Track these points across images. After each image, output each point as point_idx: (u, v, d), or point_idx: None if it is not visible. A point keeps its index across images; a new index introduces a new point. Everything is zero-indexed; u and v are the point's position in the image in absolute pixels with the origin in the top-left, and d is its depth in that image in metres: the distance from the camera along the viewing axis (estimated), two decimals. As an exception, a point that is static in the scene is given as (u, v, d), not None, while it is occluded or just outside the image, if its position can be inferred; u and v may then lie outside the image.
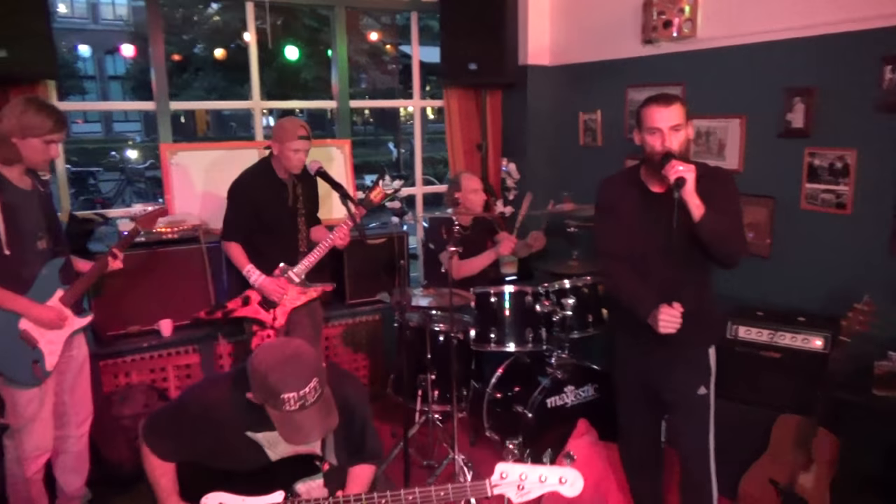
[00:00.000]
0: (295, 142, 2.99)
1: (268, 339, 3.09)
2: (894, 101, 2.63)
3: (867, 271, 2.79)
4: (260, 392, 1.70)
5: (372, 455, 2.06)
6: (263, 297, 3.09)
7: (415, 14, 4.48)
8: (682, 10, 3.33)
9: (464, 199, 3.65)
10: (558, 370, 3.17)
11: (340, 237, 3.05)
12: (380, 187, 3.04)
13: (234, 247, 3.08)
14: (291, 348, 1.73)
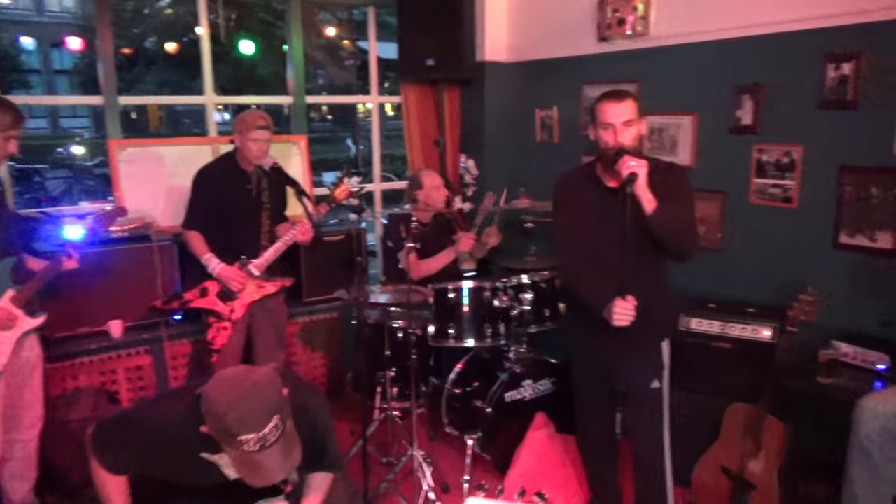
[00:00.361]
0: (254, 132, 2.97)
1: (224, 332, 3.05)
2: (836, 99, 2.72)
3: (812, 263, 2.88)
4: (216, 430, 1.60)
5: (332, 465, 2.02)
6: (221, 289, 3.05)
7: (372, 9, 4.45)
8: (635, 8, 3.38)
9: (425, 197, 3.64)
10: (516, 364, 3.20)
11: (303, 232, 3.03)
12: (345, 184, 3.03)
13: (194, 235, 3.06)
14: (249, 384, 1.61)
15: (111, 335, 3.35)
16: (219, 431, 1.59)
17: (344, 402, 3.76)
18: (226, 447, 1.61)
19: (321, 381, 4.05)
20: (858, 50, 2.63)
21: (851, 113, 2.70)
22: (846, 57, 2.67)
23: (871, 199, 2.67)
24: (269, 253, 3.07)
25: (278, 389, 1.66)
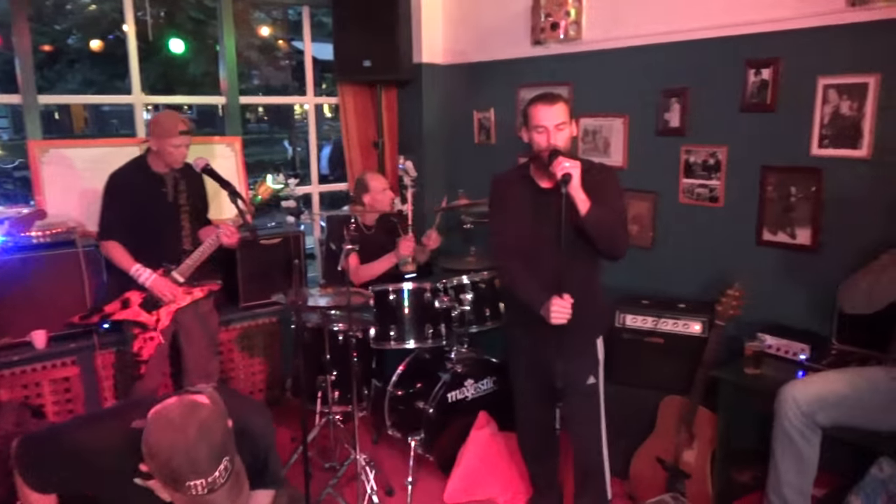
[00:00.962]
0: (176, 138, 2.89)
1: (150, 343, 2.95)
2: (757, 102, 2.85)
3: (738, 259, 3.01)
4: (159, 473, 1.50)
5: (273, 482, 1.97)
6: (145, 299, 2.95)
7: (306, 9, 4.39)
8: (567, 12, 3.46)
9: (373, 201, 3.61)
10: (458, 365, 3.21)
11: (227, 234, 2.95)
12: (266, 184, 2.97)
13: (115, 246, 2.93)
14: (195, 426, 1.50)
15: (34, 346, 3.19)
16: (163, 475, 1.49)
17: (284, 408, 3.70)
18: (169, 490, 1.51)
19: (260, 387, 3.97)
20: (776, 56, 2.77)
21: (771, 116, 2.83)
22: (765, 63, 2.80)
23: (791, 198, 2.80)
24: (192, 258, 2.99)
25: (224, 425, 1.57)
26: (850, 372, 2.32)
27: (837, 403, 2.18)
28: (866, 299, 2.21)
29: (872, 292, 2.17)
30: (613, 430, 2.67)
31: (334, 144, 10.94)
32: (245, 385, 3.90)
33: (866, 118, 2.54)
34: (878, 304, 2.19)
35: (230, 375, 3.84)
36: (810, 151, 2.72)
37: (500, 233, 2.50)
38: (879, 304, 2.19)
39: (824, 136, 2.67)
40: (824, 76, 2.63)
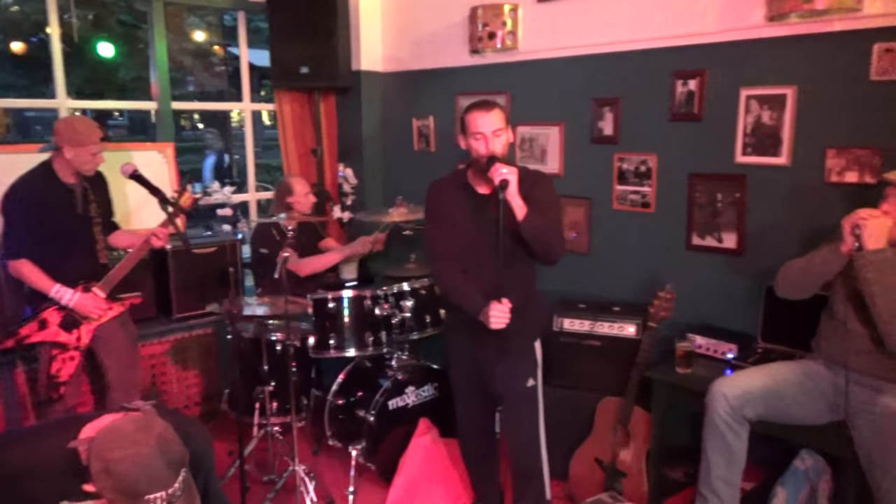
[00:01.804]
0: (95, 145, 2.76)
1: (71, 363, 2.81)
2: (685, 112, 2.97)
3: (669, 263, 3.12)
4: (115, 490, 1.45)
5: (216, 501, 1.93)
6: (64, 318, 2.80)
7: (242, 14, 4.31)
8: (504, 22, 3.51)
9: (297, 204, 3.58)
10: (399, 372, 3.20)
11: (159, 237, 2.84)
12: (188, 192, 2.86)
13: (26, 265, 2.73)
14: (154, 438, 1.49)
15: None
16: (119, 491, 1.45)
17: (221, 421, 3.60)
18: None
19: (196, 400, 3.85)
20: (702, 67, 2.89)
21: (698, 125, 2.95)
22: (691, 74, 2.92)
23: (717, 204, 2.92)
24: (116, 270, 2.86)
25: (178, 440, 1.56)
26: (774, 367, 2.43)
27: (762, 397, 2.28)
28: (798, 283, 2.31)
29: (805, 273, 2.28)
30: (552, 432, 2.71)
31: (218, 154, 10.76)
32: (179, 399, 3.78)
33: (785, 127, 2.67)
34: (809, 286, 2.30)
35: (163, 389, 3.71)
36: (735, 159, 2.84)
37: (438, 239, 2.51)
38: (811, 287, 2.30)
39: (747, 145, 2.79)
40: (746, 87, 2.76)
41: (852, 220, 2.09)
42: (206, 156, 11.62)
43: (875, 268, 2.05)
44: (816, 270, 2.25)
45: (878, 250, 2.05)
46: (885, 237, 2.06)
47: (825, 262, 2.22)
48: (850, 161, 2.52)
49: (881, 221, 2.06)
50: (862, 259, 2.07)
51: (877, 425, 2.11)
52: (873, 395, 2.18)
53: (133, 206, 3.68)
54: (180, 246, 2.85)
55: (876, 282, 2.05)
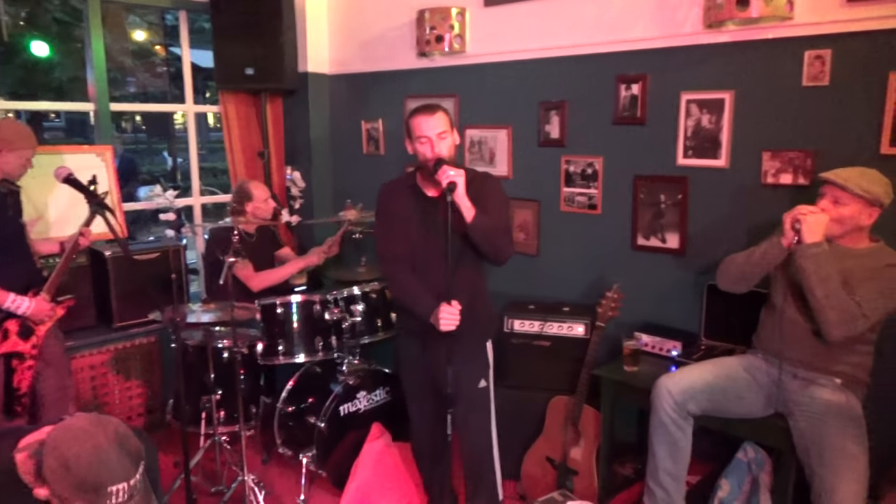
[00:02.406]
0: (29, 150, 2.68)
1: (29, 372, 2.71)
2: (629, 115, 3.03)
3: (616, 263, 3.18)
4: (74, 488, 1.41)
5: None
6: (21, 326, 2.69)
7: (183, 13, 4.20)
8: (451, 26, 3.52)
9: (255, 210, 3.52)
10: (350, 377, 3.17)
11: (86, 236, 2.79)
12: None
13: None
14: (111, 430, 1.47)
15: None
16: (81, 487, 1.40)
17: (166, 432, 3.49)
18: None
19: (139, 411, 3.73)
20: (644, 72, 2.96)
21: (641, 128, 3.02)
22: (634, 78, 2.99)
23: (661, 205, 3.00)
24: (55, 274, 2.76)
25: (134, 435, 1.53)
26: (716, 362, 2.51)
27: (705, 392, 2.35)
28: (739, 275, 2.40)
29: (747, 265, 2.37)
30: (504, 432, 2.73)
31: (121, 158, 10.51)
32: (122, 411, 3.65)
33: (724, 130, 2.76)
34: (748, 279, 2.39)
35: (104, 401, 3.58)
36: (676, 161, 2.92)
37: (388, 241, 2.50)
38: (752, 279, 2.38)
39: (688, 147, 2.88)
40: (686, 92, 2.84)
41: (793, 215, 2.20)
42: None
43: (814, 260, 2.14)
44: (757, 262, 2.34)
45: (816, 244, 2.15)
46: (822, 231, 2.17)
47: (766, 254, 2.31)
48: (785, 163, 2.62)
49: (819, 217, 2.17)
50: (802, 252, 2.17)
51: (813, 416, 2.20)
52: (809, 388, 2.27)
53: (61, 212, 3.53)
54: (120, 252, 2.75)
55: (814, 273, 2.14)
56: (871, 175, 2.20)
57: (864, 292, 2.14)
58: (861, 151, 2.43)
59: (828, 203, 2.21)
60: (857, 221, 2.20)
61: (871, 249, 2.25)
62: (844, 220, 2.20)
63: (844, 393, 2.23)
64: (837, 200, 2.20)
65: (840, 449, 2.10)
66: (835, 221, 2.20)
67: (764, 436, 2.42)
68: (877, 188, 2.17)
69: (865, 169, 2.23)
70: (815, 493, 2.12)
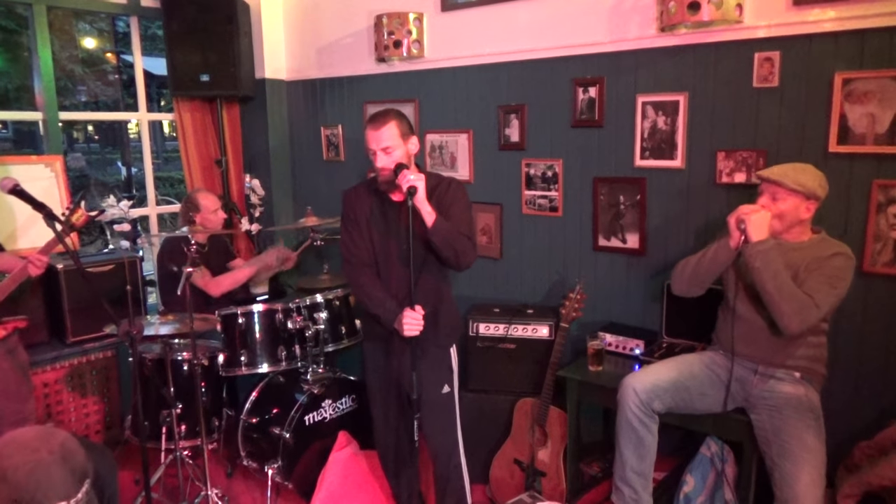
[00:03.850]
0: None
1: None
2: (587, 118, 3.07)
3: (577, 264, 3.21)
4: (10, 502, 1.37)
5: None
6: None
7: (135, 19, 4.11)
8: (409, 31, 3.52)
9: (203, 220, 3.46)
10: (315, 385, 3.12)
11: (37, 265, 2.65)
12: (81, 209, 2.69)
13: None
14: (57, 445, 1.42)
15: None
16: (17, 501, 1.36)
17: (126, 449, 3.39)
18: None
19: (97, 428, 3.61)
20: (600, 75, 3.00)
21: (599, 131, 3.06)
22: (591, 82, 3.03)
23: (620, 206, 3.04)
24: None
25: (83, 451, 1.48)
26: (677, 360, 2.55)
27: (669, 390, 2.38)
28: (691, 281, 2.45)
29: (696, 272, 2.42)
30: (473, 437, 2.72)
31: None
32: (78, 428, 3.53)
33: (679, 132, 2.82)
34: (700, 283, 2.44)
35: (59, 419, 3.46)
36: (634, 163, 2.97)
37: (351, 246, 2.48)
38: (704, 283, 2.44)
39: (645, 149, 2.92)
40: (642, 94, 2.89)
41: (736, 215, 2.26)
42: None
43: (762, 257, 2.20)
44: (707, 266, 2.39)
45: (762, 241, 2.22)
46: (767, 229, 2.24)
47: (715, 257, 2.36)
48: (738, 163, 2.68)
49: (762, 215, 2.24)
50: (749, 250, 2.23)
51: (773, 409, 2.25)
52: (768, 382, 2.32)
53: (20, 223, 3.43)
54: (72, 265, 2.66)
55: (764, 269, 2.20)
56: (805, 169, 2.27)
57: (813, 283, 2.21)
58: (810, 150, 2.51)
59: (767, 200, 2.28)
60: (796, 215, 2.27)
61: (813, 241, 2.32)
62: (784, 214, 2.27)
63: (803, 385, 2.29)
64: (775, 196, 2.26)
65: (799, 440, 2.15)
66: (776, 217, 2.27)
67: (726, 430, 2.46)
68: (811, 182, 2.23)
69: (799, 164, 2.31)
70: (776, 484, 2.16)
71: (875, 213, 2.40)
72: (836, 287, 2.21)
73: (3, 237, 3.00)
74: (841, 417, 2.47)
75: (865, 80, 2.36)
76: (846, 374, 2.52)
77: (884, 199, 2.38)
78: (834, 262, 2.23)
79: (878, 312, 2.45)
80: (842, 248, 2.26)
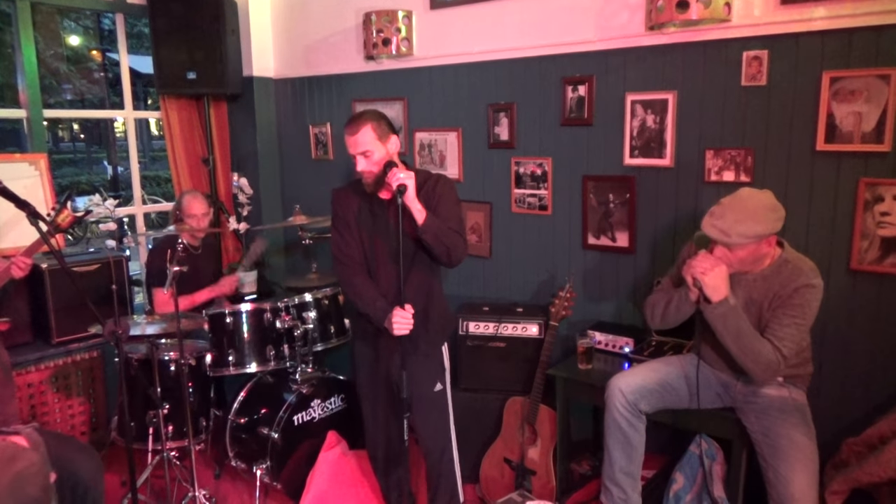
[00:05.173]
0: None
1: None
2: (576, 117, 3.07)
3: (567, 263, 3.21)
4: None
5: None
6: None
7: (120, 16, 4.06)
8: (398, 29, 3.50)
9: (193, 222, 3.44)
10: (304, 385, 3.11)
11: (20, 267, 2.62)
12: (68, 209, 2.66)
13: None
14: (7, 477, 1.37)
15: None
16: None
17: (112, 451, 3.35)
18: None
19: (82, 429, 3.57)
20: (589, 74, 3.00)
21: (589, 129, 3.05)
22: (580, 80, 3.02)
23: (610, 204, 3.04)
24: None
25: (45, 480, 1.43)
26: (664, 361, 2.55)
27: (655, 391, 2.38)
28: (662, 323, 2.47)
29: (665, 317, 2.43)
30: (462, 435, 2.71)
31: None
32: (63, 429, 3.49)
33: (668, 130, 2.82)
34: (673, 325, 2.45)
35: (44, 420, 3.42)
36: (623, 161, 2.97)
37: (341, 245, 2.47)
38: (675, 325, 2.45)
39: (634, 147, 2.93)
40: (631, 93, 2.89)
41: (691, 272, 2.20)
42: None
43: (721, 320, 2.18)
44: (674, 314, 2.39)
45: (720, 302, 2.16)
46: (725, 285, 2.17)
47: (678, 308, 2.36)
48: (727, 161, 2.69)
49: (716, 273, 2.16)
50: (709, 314, 2.21)
51: (759, 411, 2.26)
52: (751, 386, 2.33)
53: (2, 223, 3.38)
54: (57, 265, 2.63)
55: (725, 332, 2.18)
56: (754, 212, 2.13)
57: (777, 326, 2.17)
58: (798, 149, 2.51)
59: (722, 252, 2.20)
60: (756, 256, 2.21)
61: (775, 266, 2.24)
62: (744, 260, 2.20)
63: (787, 388, 2.30)
64: (730, 247, 2.18)
65: (789, 439, 2.15)
66: (736, 262, 2.20)
67: (715, 428, 2.47)
68: (760, 226, 2.11)
69: (748, 202, 2.17)
70: (770, 484, 2.16)
71: (862, 211, 2.41)
72: (801, 326, 2.17)
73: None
74: (828, 415, 2.48)
75: (852, 78, 2.37)
76: (833, 372, 2.53)
77: (870, 197, 2.39)
78: (796, 299, 2.16)
79: (865, 310, 2.46)
80: (805, 278, 2.16)
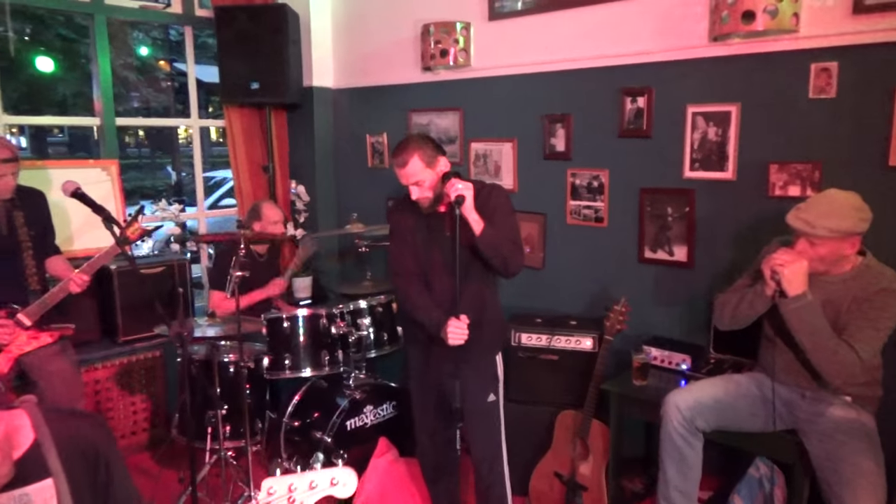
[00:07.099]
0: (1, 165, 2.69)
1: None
2: (634, 129, 3.03)
3: (622, 276, 3.16)
4: None
5: (125, 500, 1.80)
6: None
7: (188, 29, 4.23)
8: (456, 40, 3.54)
9: (262, 230, 3.53)
10: (356, 391, 3.15)
11: (78, 283, 2.75)
12: (138, 223, 2.76)
13: None
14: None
15: None
16: None
17: (171, 448, 3.46)
18: None
19: (143, 426, 3.71)
20: (649, 85, 2.96)
21: (647, 141, 3.01)
22: (639, 91, 2.99)
23: (668, 218, 2.99)
24: (41, 302, 2.75)
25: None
26: (724, 378, 2.48)
27: (713, 408, 2.32)
28: (731, 322, 2.40)
29: (735, 315, 2.36)
30: (512, 447, 2.70)
31: None
32: (126, 425, 3.63)
33: (730, 143, 2.76)
34: (742, 324, 2.38)
35: (108, 416, 3.56)
36: (683, 174, 2.91)
37: (398, 256, 2.50)
38: (744, 324, 2.38)
39: (695, 160, 2.87)
40: (692, 105, 2.84)
41: (771, 265, 2.14)
42: None
43: (797, 315, 2.11)
44: (746, 311, 2.32)
45: (798, 297, 2.10)
46: (803, 280, 2.11)
47: (753, 304, 2.28)
48: (792, 175, 2.61)
49: (796, 267, 2.10)
50: (784, 308, 2.14)
51: (824, 434, 2.17)
52: (817, 406, 2.24)
53: (76, 227, 3.55)
54: (126, 266, 2.74)
55: (800, 329, 2.12)
56: (840, 208, 2.09)
57: (855, 329, 2.09)
58: (868, 163, 2.42)
59: (805, 245, 2.14)
60: (838, 254, 2.13)
61: (857, 271, 2.17)
62: (825, 258, 2.13)
63: (855, 409, 2.21)
64: (812, 242, 2.12)
65: (854, 465, 2.07)
66: (816, 261, 2.13)
67: (775, 451, 2.39)
68: (846, 223, 2.07)
69: (835, 198, 2.14)
70: (833, 511, 2.08)
71: (937, 229, 2.30)
72: (880, 330, 2.09)
73: (59, 240, 3.10)
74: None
75: (929, 91, 2.28)
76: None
77: (947, 215, 2.28)
78: (877, 302, 2.09)
79: (940, 332, 2.34)
80: (886, 282, 2.10)
